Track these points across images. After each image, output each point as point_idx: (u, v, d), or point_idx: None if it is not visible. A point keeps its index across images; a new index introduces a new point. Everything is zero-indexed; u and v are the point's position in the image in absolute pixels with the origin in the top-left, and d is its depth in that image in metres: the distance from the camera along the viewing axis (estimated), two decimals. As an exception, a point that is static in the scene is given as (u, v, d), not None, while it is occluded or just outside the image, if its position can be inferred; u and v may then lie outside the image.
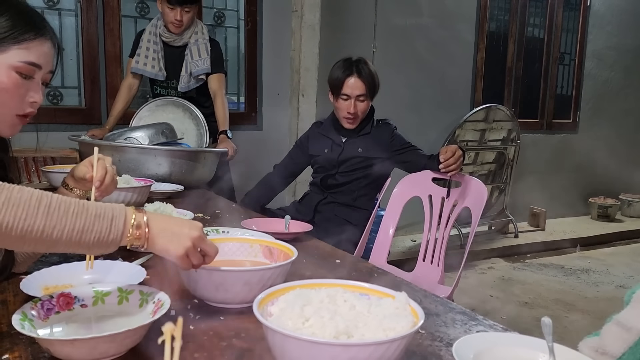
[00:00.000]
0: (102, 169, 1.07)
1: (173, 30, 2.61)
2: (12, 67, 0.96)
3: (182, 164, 2.21)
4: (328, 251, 1.51)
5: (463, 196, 2.08)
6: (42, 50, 1.00)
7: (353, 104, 2.17)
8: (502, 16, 4.77)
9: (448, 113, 4.40)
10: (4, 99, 0.97)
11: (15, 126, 1.02)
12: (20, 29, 0.96)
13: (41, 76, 1.02)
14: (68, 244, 0.75)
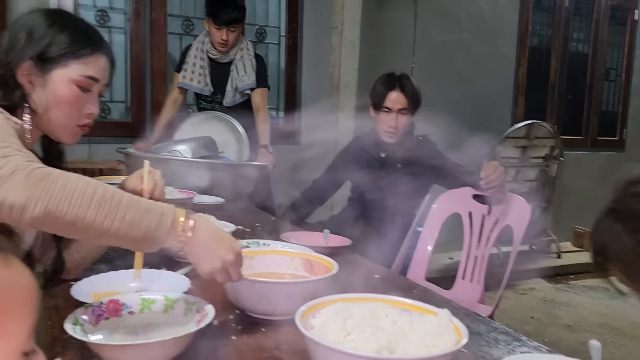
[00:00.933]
0: (152, 182, 1.10)
1: (220, 49, 2.67)
2: (72, 81, 1.03)
3: (223, 177, 2.25)
4: (367, 266, 1.50)
5: (505, 214, 2.04)
6: (99, 64, 1.06)
7: (395, 118, 2.17)
8: (544, 31, 4.70)
9: (488, 129, 4.31)
10: (66, 110, 1.04)
11: (76, 135, 1.09)
12: (79, 45, 1.03)
13: (99, 89, 1.09)
14: (116, 235, 0.76)
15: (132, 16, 3.15)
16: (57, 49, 1.01)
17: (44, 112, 1.04)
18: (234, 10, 2.61)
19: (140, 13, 3.16)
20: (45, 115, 1.04)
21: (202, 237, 0.84)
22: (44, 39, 1.01)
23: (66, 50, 1.02)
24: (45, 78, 1.02)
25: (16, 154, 0.77)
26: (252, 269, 1.08)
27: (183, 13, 3.35)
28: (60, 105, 1.03)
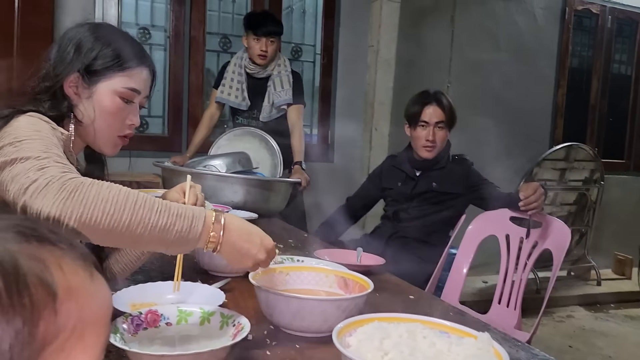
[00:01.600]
0: (194, 197, 1.11)
1: (259, 62, 2.71)
2: (116, 93, 1.06)
3: (257, 193, 2.26)
4: (401, 286, 1.48)
5: (544, 237, 1.98)
6: (141, 77, 1.09)
7: (432, 131, 2.15)
8: (585, 52, 4.61)
9: (525, 150, 4.25)
10: (108, 121, 1.07)
11: (117, 146, 1.11)
12: (123, 58, 1.06)
13: (139, 100, 1.11)
14: (150, 240, 0.78)
15: (172, 34, 3.23)
16: (102, 62, 1.05)
17: (89, 123, 1.07)
18: (273, 23, 2.69)
19: (179, 31, 3.24)
20: (90, 126, 1.07)
21: (233, 238, 0.86)
22: (91, 52, 1.05)
23: (112, 64, 1.05)
24: (91, 90, 1.05)
25: (53, 165, 0.79)
26: (287, 285, 1.07)
27: (221, 31, 3.42)
28: (104, 115, 1.06)
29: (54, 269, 0.38)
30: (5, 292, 0.35)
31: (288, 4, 3.59)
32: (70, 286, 0.38)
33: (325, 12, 3.60)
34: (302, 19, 3.64)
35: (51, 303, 0.36)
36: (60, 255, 0.39)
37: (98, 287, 0.41)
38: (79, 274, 0.40)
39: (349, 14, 3.59)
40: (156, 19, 3.26)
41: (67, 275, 0.38)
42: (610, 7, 4.56)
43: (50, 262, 0.38)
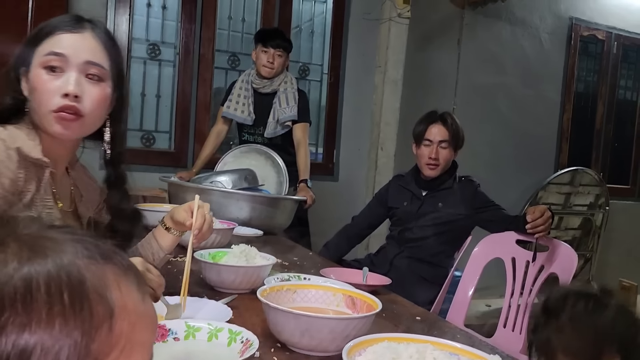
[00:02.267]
0: (201, 217, 1.11)
1: (265, 74, 2.74)
2: (39, 64, 0.96)
3: (262, 210, 2.26)
4: (407, 307, 1.46)
5: (550, 261, 1.97)
6: (67, 40, 0.97)
7: (435, 149, 2.16)
8: (590, 77, 4.63)
9: (531, 174, 4.25)
10: (37, 98, 0.96)
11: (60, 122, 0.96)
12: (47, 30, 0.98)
13: (76, 68, 0.97)
14: None
15: (181, 50, 3.27)
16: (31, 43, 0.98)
17: (31, 111, 0.98)
18: (282, 38, 2.76)
19: (189, 48, 3.28)
20: (32, 112, 0.98)
21: None
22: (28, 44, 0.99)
23: (35, 39, 0.97)
24: (28, 76, 0.98)
25: None
26: (294, 303, 1.07)
27: (230, 49, 3.46)
28: (33, 93, 0.97)
29: (113, 287, 0.39)
30: (70, 305, 0.36)
31: (297, 24, 3.63)
32: (126, 306, 0.39)
33: (333, 32, 3.63)
34: (310, 39, 3.68)
35: (108, 320, 0.37)
36: (119, 274, 0.41)
37: (148, 310, 0.42)
38: (133, 295, 0.41)
39: (357, 34, 3.63)
40: (166, 35, 3.29)
41: (123, 295, 0.40)
42: (616, 34, 4.60)
43: (110, 280, 0.39)
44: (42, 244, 0.39)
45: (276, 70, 2.73)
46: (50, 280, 0.36)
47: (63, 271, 0.37)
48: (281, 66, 2.75)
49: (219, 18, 3.36)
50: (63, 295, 0.36)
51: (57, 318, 0.35)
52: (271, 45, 2.68)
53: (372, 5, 3.49)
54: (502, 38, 4.17)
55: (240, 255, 1.32)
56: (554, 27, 4.35)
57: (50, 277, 0.36)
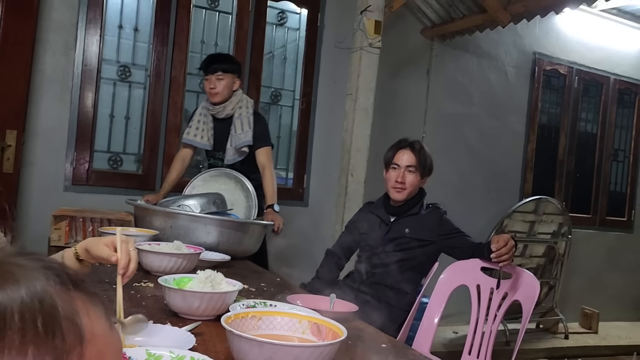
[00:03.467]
0: (126, 256, 1.07)
1: (212, 100, 2.72)
2: None
3: (230, 234, 2.25)
4: (373, 334, 1.46)
5: (514, 289, 2.00)
6: None
7: (402, 173, 2.20)
8: (553, 109, 4.80)
9: (497, 202, 4.35)
10: None
11: None
12: None
13: None
14: None
15: (152, 73, 3.25)
16: None
17: None
18: (220, 61, 2.74)
19: (160, 70, 3.27)
20: None
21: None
22: None
23: None
24: None
25: None
26: (259, 330, 1.05)
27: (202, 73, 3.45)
28: None
29: (83, 314, 0.39)
30: (43, 331, 0.36)
31: (270, 49, 3.67)
32: (94, 333, 0.40)
33: (305, 59, 3.68)
34: (283, 65, 3.72)
35: (79, 346, 0.38)
36: (87, 302, 0.41)
37: (115, 337, 0.43)
38: (101, 323, 0.41)
39: (329, 62, 3.69)
40: (138, 57, 3.28)
41: (92, 322, 0.40)
42: (577, 69, 4.80)
43: (80, 307, 0.40)
44: (13, 271, 0.39)
45: (222, 94, 2.70)
46: (23, 308, 0.37)
47: (36, 298, 0.37)
48: (227, 89, 2.71)
49: (191, 41, 3.37)
50: (36, 322, 0.36)
51: (30, 345, 0.36)
52: (209, 71, 2.68)
53: (344, 34, 3.56)
54: (469, 70, 4.30)
55: (206, 281, 1.30)
56: (519, 61, 4.51)
57: (24, 304, 0.37)
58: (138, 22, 3.26)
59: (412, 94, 4.04)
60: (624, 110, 5.16)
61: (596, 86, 4.99)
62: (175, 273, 1.54)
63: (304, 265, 3.06)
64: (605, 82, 4.98)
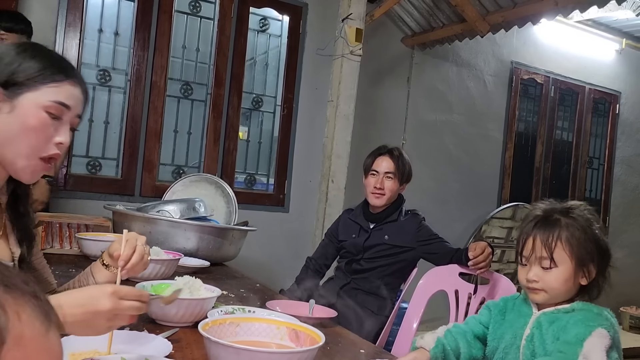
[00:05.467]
0: (130, 249, 1.07)
1: None
2: (41, 107, 0.95)
3: (210, 240, 2.24)
4: (352, 340, 1.47)
5: (491, 294, 2.03)
6: (71, 92, 1.00)
7: (381, 180, 2.23)
8: (530, 118, 4.89)
9: (475, 208, 4.40)
10: (30, 139, 0.95)
11: (36, 171, 0.98)
12: (49, 70, 0.97)
13: (69, 119, 1.00)
14: None
15: (133, 77, 3.23)
16: (26, 74, 0.96)
17: (4, 141, 0.95)
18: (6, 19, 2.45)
19: (141, 75, 3.25)
20: (8, 144, 0.95)
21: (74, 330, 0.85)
22: (11, 65, 0.96)
23: (36, 74, 0.96)
24: (13, 103, 0.95)
25: None
26: (237, 336, 1.06)
27: (183, 78, 3.45)
28: (26, 131, 0.95)
29: (12, 314, 0.38)
30: None
31: (251, 56, 3.67)
32: (22, 335, 0.38)
33: (287, 66, 3.70)
34: (264, 71, 3.73)
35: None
36: (21, 304, 0.40)
37: (51, 344, 0.41)
38: (35, 326, 0.40)
39: (310, 68, 3.71)
40: (118, 62, 3.26)
41: (22, 324, 0.39)
42: (553, 78, 4.90)
43: (10, 308, 0.38)
44: None
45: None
46: None
47: None
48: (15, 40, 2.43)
49: (172, 46, 3.36)
50: None
51: None
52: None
53: (325, 41, 3.58)
54: (449, 78, 4.36)
55: (184, 287, 1.29)
56: (497, 70, 4.59)
57: None
58: (119, 26, 3.24)
59: (392, 101, 4.09)
60: (599, 118, 5.28)
61: (572, 95, 5.10)
62: (153, 279, 1.54)
63: (284, 272, 3.06)
64: (581, 91, 5.09)
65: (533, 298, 1.21)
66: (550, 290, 1.17)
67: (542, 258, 1.17)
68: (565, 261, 1.15)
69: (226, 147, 3.51)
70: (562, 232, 1.16)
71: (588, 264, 1.16)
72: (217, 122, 3.49)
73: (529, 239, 1.19)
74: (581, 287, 1.19)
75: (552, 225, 1.17)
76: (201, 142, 3.49)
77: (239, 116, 3.56)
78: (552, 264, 1.15)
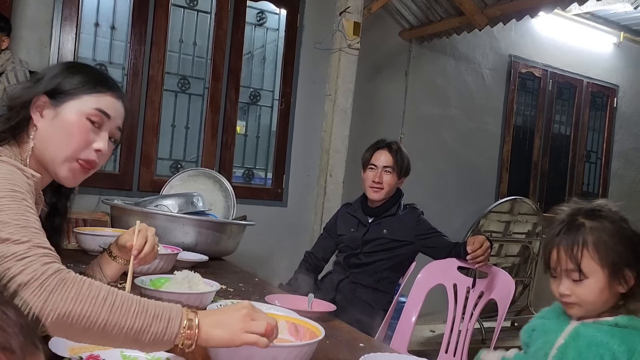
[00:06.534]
0: (142, 239, 1.11)
1: None
2: (83, 114, 1.02)
3: (209, 235, 2.24)
4: (351, 333, 1.47)
5: (490, 288, 2.03)
6: (112, 103, 1.06)
7: (379, 174, 2.23)
8: (528, 111, 4.89)
9: (473, 202, 4.41)
10: (70, 143, 1.01)
11: (75, 171, 1.03)
12: (92, 83, 1.04)
13: (109, 129, 1.06)
14: (125, 340, 0.79)
15: (130, 72, 3.22)
16: (71, 85, 1.03)
17: (47, 143, 1.01)
18: None
19: (138, 69, 3.24)
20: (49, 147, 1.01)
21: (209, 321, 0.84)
22: (58, 77, 1.04)
23: (80, 86, 1.03)
24: (57, 110, 1.01)
25: (33, 255, 0.78)
26: (237, 330, 1.05)
27: (180, 72, 3.44)
28: (67, 136, 1.01)
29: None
30: None
31: (249, 50, 3.66)
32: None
33: (284, 60, 3.69)
34: (262, 65, 3.72)
35: None
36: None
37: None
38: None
39: (308, 62, 3.70)
40: (115, 56, 3.24)
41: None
42: (551, 72, 4.89)
43: None
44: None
45: None
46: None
47: None
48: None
49: (169, 40, 3.35)
50: None
51: None
52: None
53: (323, 35, 3.57)
54: (447, 72, 4.35)
55: (183, 281, 1.29)
56: (495, 63, 4.59)
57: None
58: (115, 20, 3.22)
59: (390, 95, 4.08)
60: (597, 112, 5.28)
61: (570, 89, 5.10)
62: (152, 274, 1.54)
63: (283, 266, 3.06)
64: (579, 85, 5.09)
65: (569, 312, 1.11)
66: (585, 305, 1.06)
67: (569, 270, 1.06)
68: (595, 271, 1.04)
69: (224, 142, 3.50)
70: (587, 238, 1.04)
71: (623, 269, 1.03)
72: (215, 116, 3.48)
73: (553, 250, 1.09)
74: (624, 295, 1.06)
75: (576, 232, 1.06)
76: (199, 137, 3.49)
77: (236, 110, 3.55)
78: (582, 276, 1.05)
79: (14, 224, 0.80)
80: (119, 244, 1.17)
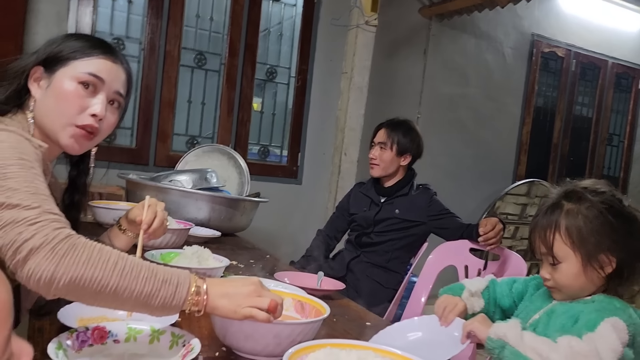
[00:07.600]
0: (152, 213, 1.13)
1: None
2: (73, 78, 1.01)
3: (222, 211, 2.25)
4: (359, 312, 1.48)
5: (501, 270, 2.02)
6: (107, 65, 1.04)
7: (376, 150, 2.24)
8: (550, 92, 4.79)
9: (489, 184, 4.36)
10: (63, 108, 1.01)
11: (78, 139, 1.03)
12: (85, 48, 1.03)
13: (107, 93, 1.04)
14: (135, 304, 0.80)
15: (146, 46, 3.22)
16: (63, 52, 1.02)
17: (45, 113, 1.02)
18: None
19: (155, 44, 3.23)
20: (47, 115, 1.01)
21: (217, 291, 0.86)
22: (53, 45, 1.04)
23: (72, 52, 1.02)
24: (50, 79, 1.02)
25: (44, 220, 0.79)
26: (243, 306, 1.06)
27: (197, 47, 3.43)
28: (60, 101, 1.00)
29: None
30: None
31: (265, 26, 3.62)
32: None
33: (301, 36, 3.64)
34: (278, 42, 3.68)
35: None
36: None
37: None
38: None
39: (325, 39, 3.65)
40: (132, 30, 3.24)
41: None
42: (575, 51, 4.77)
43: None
44: None
45: None
46: None
47: None
48: None
49: (186, 15, 3.33)
50: None
51: None
52: None
53: (341, 11, 3.52)
54: (466, 50, 4.27)
55: (192, 256, 1.31)
56: (517, 42, 4.48)
57: None
58: (132, -6, 3.21)
59: (408, 74, 4.02)
60: (621, 94, 5.15)
61: (593, 69, 4.97)
62: (164, 248, 1.56)
63: (295, 243, 3.08)
64: (603, 66, 4.96)
65: (553, 296, 1.10)
66: (563, 288, 1.05)
67: (545, 254, 1.06)
68: (568, 255, 1.02)
69: (240, 118, 3.50)
70: (561, 222, 1.02)
71: (598, 255, 1.00)
72: (231, 92, 3.47)
73: (533, 233, 1.08)
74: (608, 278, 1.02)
75: (551, 215, 1.04)
76: (215, 113, 3.49)
77: (252, 87, 3.54)
78: (555, 260, 1.03)
79: (24, 190, 0.81)
80: (128, 218, 1.19)
